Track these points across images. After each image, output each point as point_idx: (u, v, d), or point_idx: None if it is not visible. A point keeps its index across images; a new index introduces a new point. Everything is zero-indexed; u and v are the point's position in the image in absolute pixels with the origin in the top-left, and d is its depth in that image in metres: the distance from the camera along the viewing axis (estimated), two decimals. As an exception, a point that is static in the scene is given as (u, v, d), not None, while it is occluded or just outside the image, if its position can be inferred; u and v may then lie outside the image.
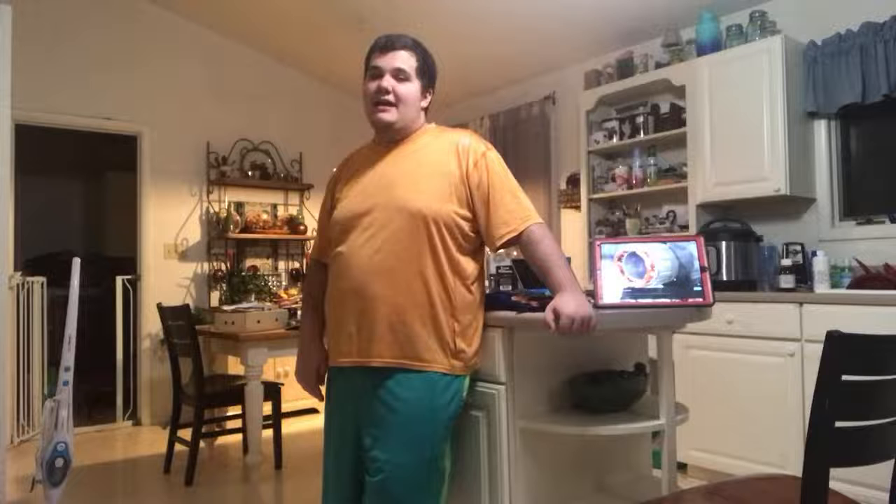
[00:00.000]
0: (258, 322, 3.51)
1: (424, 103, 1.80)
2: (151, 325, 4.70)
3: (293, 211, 5.52)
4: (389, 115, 1.72)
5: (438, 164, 1.71)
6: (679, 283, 1.71)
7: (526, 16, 4.10)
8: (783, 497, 1.39)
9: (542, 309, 1.62)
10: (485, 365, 1.77)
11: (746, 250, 3.34)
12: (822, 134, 3.42)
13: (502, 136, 5.02)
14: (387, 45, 1.73)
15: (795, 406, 2.84)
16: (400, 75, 1.72)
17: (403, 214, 1.66)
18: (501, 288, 2.34)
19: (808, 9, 3.45)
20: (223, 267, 5.14)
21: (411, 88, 1.73)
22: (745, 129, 3.36)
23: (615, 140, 4.11)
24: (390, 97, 1.71)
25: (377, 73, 1.73)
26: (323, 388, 1.88)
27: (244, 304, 4.13)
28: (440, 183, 1.69)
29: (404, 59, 1.72)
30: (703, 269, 1.72)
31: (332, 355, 1.78)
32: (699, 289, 1.70)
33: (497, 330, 1.76)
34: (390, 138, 1.78)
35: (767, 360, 2.94)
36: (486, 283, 2.16)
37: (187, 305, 3.76)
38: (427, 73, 1.78)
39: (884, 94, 3.07)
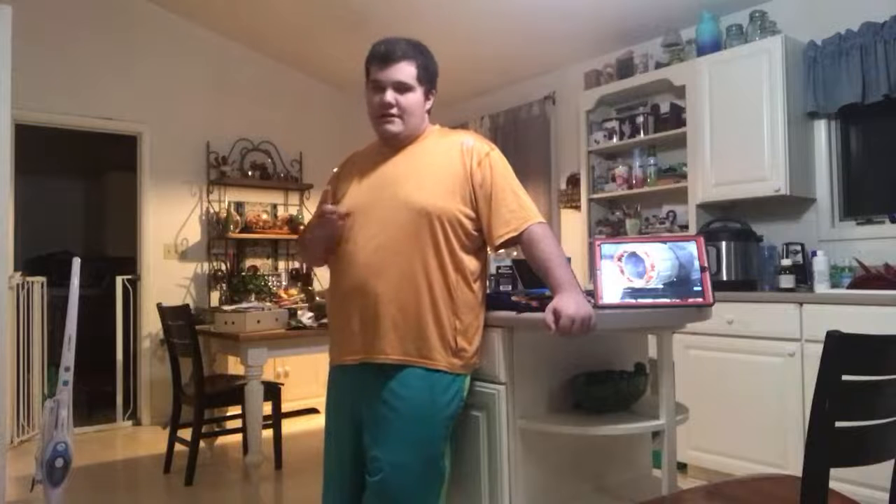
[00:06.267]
0: (258, 322, 3.50)
1: (428, 106, 1.79)
2: (151, 325, 4.70)
3: (293, 211, 5.52)
4: (395, 127, 1.73)
5: (442, 164, 1.72)
6: (679, 283, 1.71)
7: (526, 16, 4.10)
8: (783, 497, 1.39)
9: (542, 309, 1.62)
10: (485, 365, 1.77)
11: (746, 250, 3.34)
12: (822, 134, 3.41)
13: (502, 136, 5.02)
14: (385, 57, 1.70)
15: (795, 406, 2.84)
16: (401, 87, 1.71)
17: (407, 211, 1.66)
18: (501, 288, 2.33)
19: (808, 9, 3.45)
20: (223, 267, 5.14)
21: (413, 98, 1.73)
22: (745, 129, 3.35)
23: (615, 140, 4.11)
24: (394, 110, 1.71)
25: (378, 87, 1.72)
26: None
27: (244, 304, 4.12)
28: (444, 181, 1.70)
29: (404, 71, 1.70)
30: (703, 269, 1.72)
31: (335, 354, 1.78)
32: (699, 289, 1.70)
33: (497, 330, 1.76)
34: (396, 145, 1.78)
35: (767, 360, 2.94)
36: (487, 282, 2.16)
37: (187, 305, 3.76)
38: (428, 77, 1.76)
39: (884, 94, 3.07)
